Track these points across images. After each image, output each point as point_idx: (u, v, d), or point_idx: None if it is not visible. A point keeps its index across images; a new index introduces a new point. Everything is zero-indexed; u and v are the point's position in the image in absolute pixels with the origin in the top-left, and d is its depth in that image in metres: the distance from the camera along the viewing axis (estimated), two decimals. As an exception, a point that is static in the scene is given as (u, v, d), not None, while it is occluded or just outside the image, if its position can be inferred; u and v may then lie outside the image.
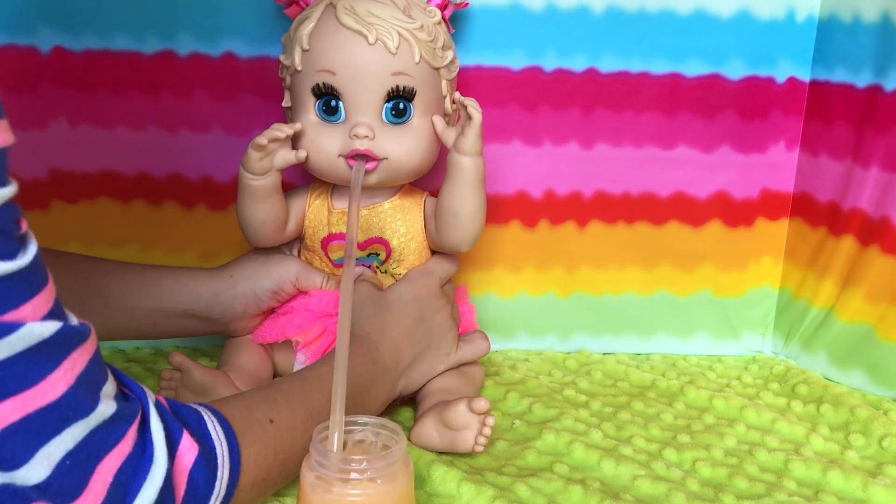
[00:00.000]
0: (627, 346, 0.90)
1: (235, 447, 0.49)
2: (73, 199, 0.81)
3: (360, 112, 0.66)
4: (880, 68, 0.76)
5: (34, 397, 0.38)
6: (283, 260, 0.72)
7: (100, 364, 0.42)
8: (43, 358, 0.39)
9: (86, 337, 0.41)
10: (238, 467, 0.48)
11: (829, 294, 0.83)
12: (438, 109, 0.69)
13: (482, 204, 0.69)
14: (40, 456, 0.39)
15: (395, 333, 0.67)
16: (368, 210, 0.70)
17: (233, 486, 0.48)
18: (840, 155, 0.82)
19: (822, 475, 0.64)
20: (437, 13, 0.68)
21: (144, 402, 0.45)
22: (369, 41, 0.63)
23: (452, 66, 0.70)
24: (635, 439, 0.69)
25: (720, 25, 0.81)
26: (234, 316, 0.71)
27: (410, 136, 0.67)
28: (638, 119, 0.83)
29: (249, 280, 0.71)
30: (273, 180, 0.66)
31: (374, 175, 0.66)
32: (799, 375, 0.83)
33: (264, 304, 0.72)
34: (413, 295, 0.70)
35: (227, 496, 0.48)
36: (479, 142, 0.66)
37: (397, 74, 0.65)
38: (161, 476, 0.43)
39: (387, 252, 0.71)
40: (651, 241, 0.87)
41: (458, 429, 0.63)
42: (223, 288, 0.70)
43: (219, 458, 0.47)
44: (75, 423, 0.40)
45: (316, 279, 0.72)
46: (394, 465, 0.47)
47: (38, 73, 0.77)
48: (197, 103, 0.79)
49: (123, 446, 0.42)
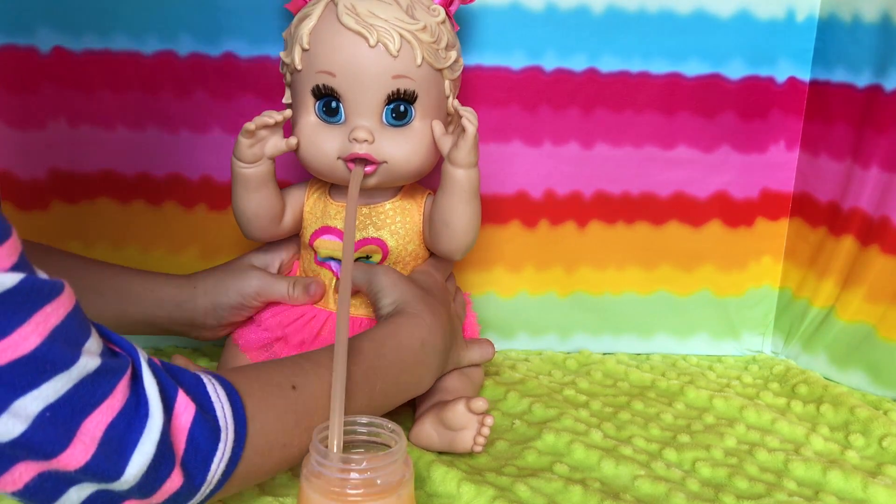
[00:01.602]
0: (627, 346, 0.90)
1: (240, 409, 0.48)
2: (73, 199, 0.81)
3: (359, 114, 0.65)
4: (880, 68, 0.76)
5: (5, 349, 0.38)
6: (245, 274, 0.70)
7: (79, 319, 0.42)
8: (9, 310, 0.38)
9: (58, 291, 0.41)
10: (244, 429, 0.48)
11: (829, 294, 0.83)
12: (441, 110, 0.68)
13: (475, 215, 0.67)
14: (16, 407, 0.38)
15: (441, 317, 0.66)
16: (369, 209, 0.70)
17: (239, 448, 0.47)
18: (840, 155, 0.82)
19: (822, 475, 0.64)
20: (441, 12, 0.66)
21: (136, 357, 0.44)
22: (370, 43, 0.62)
23: (456, 65, 0.68)
24: (635, 439, 0.69)
25: (720, 25, 0.81)
26: (197, 325, 0.70)
27: (411, 139, 0.66)
28: (638, 119, 0.83)
29: (209, 294, 0.70)
30: (265, 169, 0.66)
31: (373, 178, 0.66)
32: (799, 375, 0.83)
33: (227, 318, 0.70)
34: (436, 284, 0.69)
35: (233, 457, 0.47)
36: (472, 154, 0.64)
37: (398, 77, 0.64)
38: (157, 430, 0.43)
39: (383, 253, 0.70)
40: (651, 241, 0.87)
41: (456, 429, 0.63)
42: (184, 299, 0.69)
43: (220, 420, 0.46)
44: (54, 376, 0.40)
45: (280, 289, 0.70)
46: (394, 465, 0.47)
47: (38, 73, 0.77)
48: (197, 103, 0.79)
49: (112, 401, 0.42)
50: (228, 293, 0.69)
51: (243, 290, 0.69)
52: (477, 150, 0.65)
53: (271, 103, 0.76)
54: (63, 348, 0.40)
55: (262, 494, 0.57)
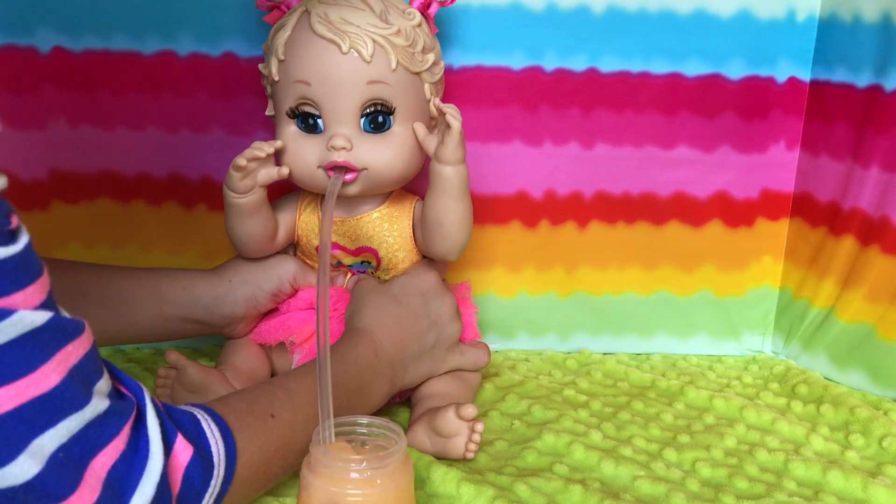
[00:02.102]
0: (627, 346, 0.90)
1: (232, 445, 0.49)
2: (73, 199, 0.81)
3: (337, 122, 0.64)
4: (880, 68, 0.76)
5: (27, 387, 0.38)
6: (280, 261, 0.72)
7: (95, 360, 0.42)
8: (36, 347, 0.39)
9: (80, 331, 0.41)
10: (234, 464, 0.48)
11: (830, 294, 0.83)
12: (422, 114, 0.68)
13: (467, 212, 0.67)
14: (34, 447, 0.38)
15: (399, 326, 0.67)
16: (357, 220, 0.70)
17: (227, 483, 0.48)
18: (840, 155, 0.82)
19: (822, 475, 0.64)
20: (416, 15, 0.66)
21: (141, 398, 0.45)
22: (342, 50, 0.62)
23: (435, 68, 0.68)
24: (635, 439, 0.69)
25: (720, 25, 0.81)
26: (234, 319, 0.71)
27: (391, 145, 0.65)
28: (638, 119, 0.83)
29: (248, 284, 0.71)
30: (257, 197, 0.66)
31: (354, 185, 0.66)
32: (799, 375, 0.83)
33: (263, 307, 0.72)
34: (416, 288, 0.69)
35: (222, 492, 0.48)
36: (459, 150, 0.64)
37: (373, 83, 0.63)
38: (157, 472, 0.43)
39: (377, 260, 0.71)
40: (651, 241, 0.87)
41: (448, 436, 0.63)
42: (223, 293, 0.70)
43: (214, 457, 0.47)
44: (70, 415, 0.40)
45: (312, 278, 0.72)
46: (394, 465, 0.47)
47: (38, 73, 0.77)
48: (197, 103, 0.79)
49: (118, 443, 0.42)
50: (270, 279, 0.71)
51: (283, 276, 0.71)
52: (464, 146, 0.65)
53: (271, 103, 0.76)
54: (79, 388, 0.40)
55: (262, 494, 0.57)
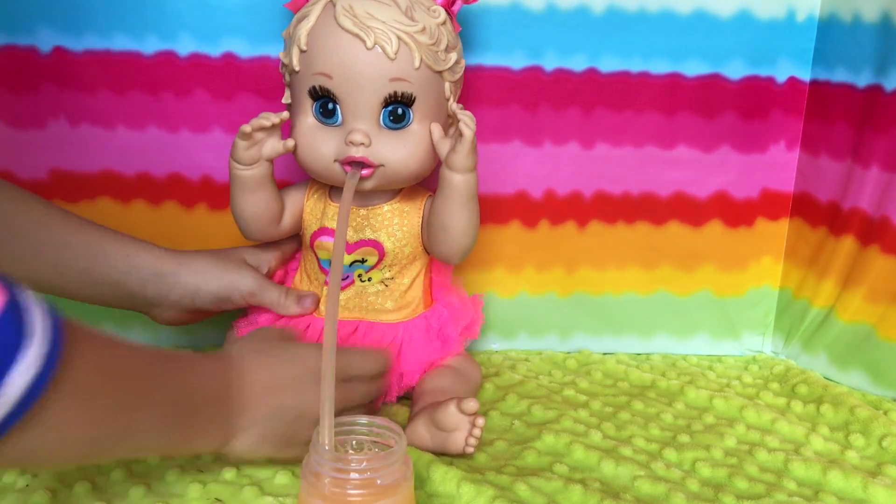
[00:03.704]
0: (627, 346, 0.90)
1: (58, 338, 0.41)
2: (73, 199, 0.81)
3: (356, 117, 0.64)
4: (880, 68, 0.76)
5: None
6: (242, 270, 0.69)
7: None
8: None
9: None
10: (56, 356, 0.41)
11: (829, 294, 0.83)
12: (440, 112, 0.67)
13: (473, 219, 0.67)
14: None
15: (272, 382, 0.57)
16: (367, 211, 0.69)
17: (49, 367, 0.40)
18: (840, 155, 0.82)
19: (822, 475, 0.64)
20: (441, 13, 0.65)
21: None
22: (367, 45, 0.61)
23: (457, 67, 0.67)
24: (635, 439, 0.69)
25: (720, 25, 0.81)
26: (165, 303, 0.68)
27: (408, 142, 0.65)
28: (638, 119, 0.83)
29: (196, 275, 0.67)
30: (263, 171, 0.66)
31: (370, 181, 0.65)
32: (799, 375, 0.83)
33: (200, 305, 0.68)
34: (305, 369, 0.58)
35: (42, 376, 0.40)
36: (469, 158, 0.63)
37: (395, 80, 0.63)
38: None
39: (379, 255, 0.70)
40: (651, 241, 0.87)
41: (448, 430, 0.63)
42: (166, 272, 0.67)
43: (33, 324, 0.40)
44: None
45: (272, 295, 0.69)
46: (394, 464, 0.47)
47: (38, 73, 0.77)
48: (197, 103, 0.79)
49: None
50: (221, 282, 0.68)
51: (239, 286, 0.68)
52: (475, 154, 0.64)
53: (271, 103, 0.76)
54: None
55: (263, 494, 0.57)
